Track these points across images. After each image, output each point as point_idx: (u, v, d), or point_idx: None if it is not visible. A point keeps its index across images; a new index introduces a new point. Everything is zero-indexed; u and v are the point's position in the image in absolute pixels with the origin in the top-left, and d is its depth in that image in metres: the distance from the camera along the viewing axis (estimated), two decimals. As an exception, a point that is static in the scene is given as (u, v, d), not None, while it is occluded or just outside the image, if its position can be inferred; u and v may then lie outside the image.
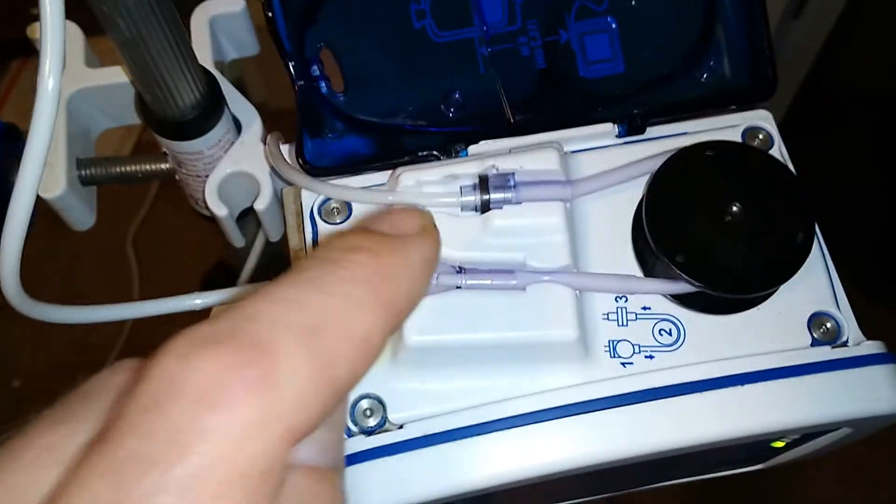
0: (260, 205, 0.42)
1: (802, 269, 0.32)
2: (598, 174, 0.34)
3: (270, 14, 0.34)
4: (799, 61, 1.29)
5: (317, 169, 0.36)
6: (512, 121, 0.37)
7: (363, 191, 0.34)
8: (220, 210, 0.42)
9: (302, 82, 0.36)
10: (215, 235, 0.49)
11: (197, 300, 0.33)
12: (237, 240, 0.45)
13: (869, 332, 0.33)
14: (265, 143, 0.42)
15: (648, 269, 0.33)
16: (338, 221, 0.34)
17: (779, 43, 1.24)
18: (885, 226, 1.38)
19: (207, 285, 0.49)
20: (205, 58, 0.44)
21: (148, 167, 0.45)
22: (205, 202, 0.42)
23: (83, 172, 0.44)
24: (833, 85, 1.34)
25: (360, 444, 0.30)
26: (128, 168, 0.44)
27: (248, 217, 0.46)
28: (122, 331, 1.41)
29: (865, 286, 1.35)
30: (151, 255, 1.51)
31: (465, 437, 0.29)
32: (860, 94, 1.37)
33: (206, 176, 0.42)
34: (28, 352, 1.46)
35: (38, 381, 1.43)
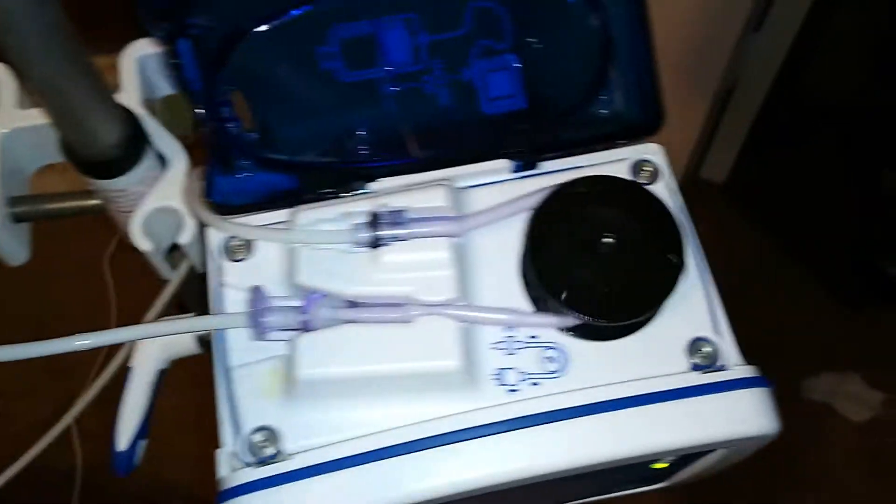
0: (183, 239, 0.43)
1: (682, 295, 0.34)
2: (485, 210, 0.36)
3: (176, 61, 0.36)
4: (761, 74, 1.31)
5: (226, 207, 0.37)
6: (418, 157, 0.39)
7: (263, 229, 0.36)
8: (144, 245, 0.43)
9: (212, 123, 0.37)
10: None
11: (76, 342, 0.34)
12: (166, 273, 0.47)
13: (842, 340, 0.34)
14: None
15: (534, 302, 0.35)
16: (238, 258, 0.36)
17: (741, 56, 1.26)
18: (856, 234, 1.39)
19: (183, 306, 0.51)
20: (132, 97, 0.45)
21: (78, 204, 0.46)
22: (131, 237, 0.43)
23: (15, 210, 0.45)
24: (796, 96, 1.35)
25: (251, 474, 0.31)
26: (59, 205, 0.46)
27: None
28: (100, 353, 1.41)
29: (839, 294, 1.37)
30: (128, 274, 1.52)
31: (352, 465, 0.31)
32: (823, 104, 1.39)
33: (133, 211, 0.44)
34: (4, 376, 1.47)
35: (14, 406, 1.44)
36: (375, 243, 0.34)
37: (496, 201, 0.37)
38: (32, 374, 1.44)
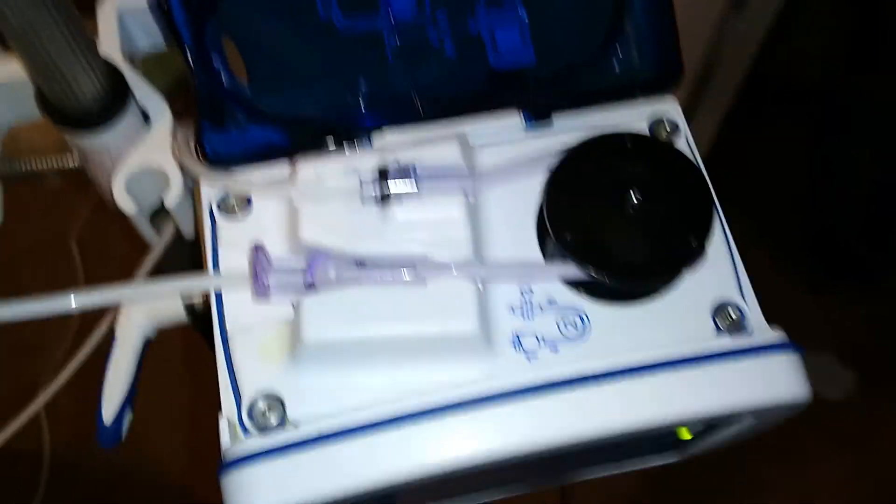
0: (170, 201, 0.41)
1: (707, 257, 0.32)
2: (503, 167, 0.33)
3: (164, 5, 0.33)
4: (741, 53, 1.30)
5: (218, 162, 0.35)
6: (421, 111, 0.37)
7: (268, 184, 0.33)
8: (128, 207, 0.40)
9: (202, 73, 0.35)
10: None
11: (74, 300, 0.31)
12: (150, 238, 0.44)
13: (807, 320, 0.33)
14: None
15: (550, 261, 0.33)
16: (235, 216, 0.33)
17: (721, 35, 1.25)
18: (825, 214, 1.40)
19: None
20: (112, 50, 0.43)
21: (56, 164, 0.43)
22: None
23: (-13, 169, 0.42)
24: (777, 76, 1.35)
25: (256, 444, 0.29)
26: (34, 166, 0.43)
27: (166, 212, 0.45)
28: (68, 331, 1.37)
29: (805, 276, 1.38)
30: (96, 253, 1.48)
31: (362, 435, 0.29)
32: (804, 85, 1.39)
33: (115, 171, 0.41)
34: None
35: (-21, 385, 1.39)
36: (385, 200, 0.32)
37: (509, 159, 0.35)
38: (-4, 357, 1.40)
